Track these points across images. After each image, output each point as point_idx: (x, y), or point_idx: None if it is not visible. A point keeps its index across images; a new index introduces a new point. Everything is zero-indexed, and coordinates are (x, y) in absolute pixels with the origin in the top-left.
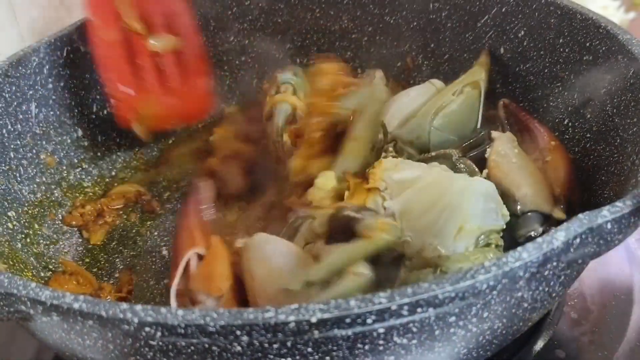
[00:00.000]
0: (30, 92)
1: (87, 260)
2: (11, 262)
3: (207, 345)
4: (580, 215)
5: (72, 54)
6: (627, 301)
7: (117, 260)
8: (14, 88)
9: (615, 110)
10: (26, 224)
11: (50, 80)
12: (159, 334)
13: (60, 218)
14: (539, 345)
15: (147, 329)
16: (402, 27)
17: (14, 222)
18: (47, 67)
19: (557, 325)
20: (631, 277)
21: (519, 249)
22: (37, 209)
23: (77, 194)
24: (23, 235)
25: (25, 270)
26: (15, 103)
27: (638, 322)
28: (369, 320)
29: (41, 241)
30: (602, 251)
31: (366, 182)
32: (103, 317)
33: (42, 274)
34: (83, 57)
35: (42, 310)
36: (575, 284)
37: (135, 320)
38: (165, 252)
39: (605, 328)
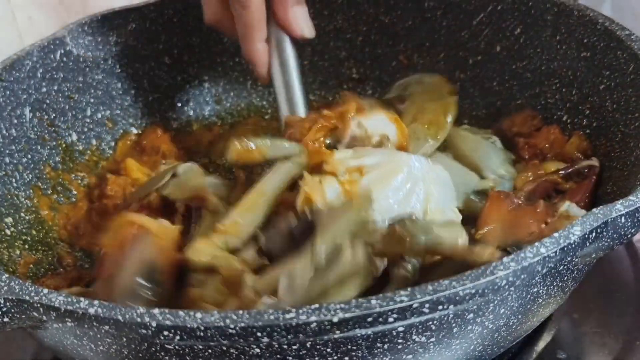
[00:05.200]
0: (24, 97)
1: (87, 266)
2: (11, 269)
3: (225, 348)
4: (594, 210)
5: (65, 57)
6: (629, 300)
7: None
8: (7, 92)
9: (615, 106)
10: (24, 230)
11: (43, 84)
12: (177, 337)
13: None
14: (540, 345)
15: (165, 332)
16: (397, 26)
17: (12, 229)
18: (41, 70)
19: (559, 325)
20: (633, 276)
21: (537, 244)
22: (34, 215)
23: None
24: (21, 242)
25: (25, 277)
26: (9, 108)
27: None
28: (390, 319)
29: (40, 247)
30: (615, 245)
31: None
32: (120, 321)
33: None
34: (76, 60)
35: (56, 316)
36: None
37: (154, 324)
38: None
39: (607, 328)
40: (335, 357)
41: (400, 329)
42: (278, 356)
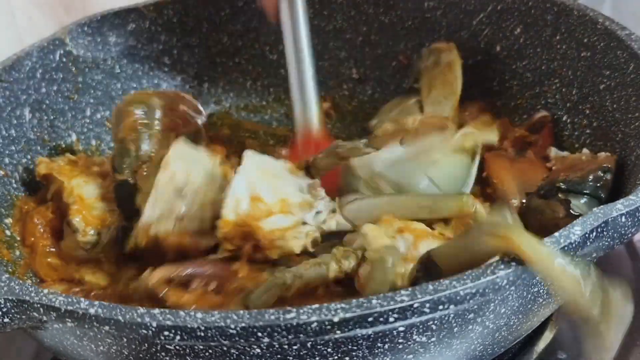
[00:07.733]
0: (24, 97)
1: None
2: (10, 270)
3: (225, 348)
4: (595, 209)
5: (64, 58)
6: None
7: None
8: (7, 93)
9: (615, 105)
10: None
11: (43, 84)
12: (177, 337)
13: None
14: (541, 346)
15: (165, 332)
16: (396, 26)
17: (12, 229)
18: (40, 71)
19: (559, 325)
20: (633, 275)
21: None
22: None
23: None
24: (21, 243)
25: (25, 277)
26: (9, 108)
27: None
28: (390, 319)
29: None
30: (616, 244)
31: None
32: (120, 322)
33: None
34: (76, 60)
35: (56, 316)
36: None
37: (154, 324)
38: None
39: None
40: (336, 357)
41: (401, 328)
42: (279, 356)
